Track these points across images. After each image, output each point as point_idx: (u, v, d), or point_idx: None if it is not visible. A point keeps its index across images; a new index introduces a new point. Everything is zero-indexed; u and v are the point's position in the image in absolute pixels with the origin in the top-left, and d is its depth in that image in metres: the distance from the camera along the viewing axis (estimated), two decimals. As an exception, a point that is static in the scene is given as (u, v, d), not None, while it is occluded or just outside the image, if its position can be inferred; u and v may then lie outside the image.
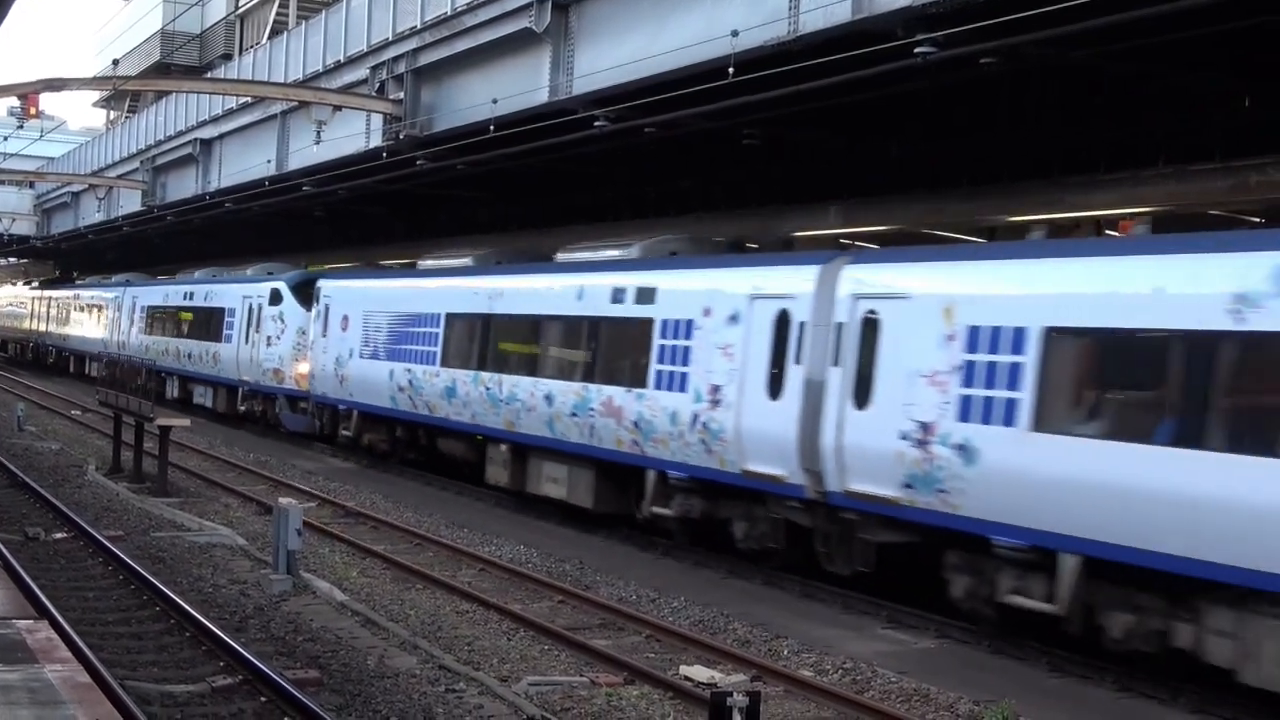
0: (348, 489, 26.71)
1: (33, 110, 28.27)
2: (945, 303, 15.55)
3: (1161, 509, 12.93)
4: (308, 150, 31.17)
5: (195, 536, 20.77)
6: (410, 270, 31.01)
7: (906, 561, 16.88)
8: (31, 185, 65.46)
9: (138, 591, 16.54)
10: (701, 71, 18.72)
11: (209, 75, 49.39)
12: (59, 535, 20.14)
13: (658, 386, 20.00)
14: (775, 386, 17.94)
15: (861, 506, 16.67)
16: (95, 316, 55.09)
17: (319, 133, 28.29)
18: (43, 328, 67.29)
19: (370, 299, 30.41)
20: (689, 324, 19.61)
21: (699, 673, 13.88)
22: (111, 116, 78.02)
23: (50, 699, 8.20)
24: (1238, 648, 12.65)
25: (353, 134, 29.48)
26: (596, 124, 21.62)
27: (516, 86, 23.64)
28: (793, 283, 18.04)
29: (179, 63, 60.50)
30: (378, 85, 27.87)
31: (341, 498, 25.35)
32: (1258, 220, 18.08)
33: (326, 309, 32.39)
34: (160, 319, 45.94)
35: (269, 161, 35.25)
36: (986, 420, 14.77)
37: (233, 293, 39.17)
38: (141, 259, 62.96)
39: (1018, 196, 20.24)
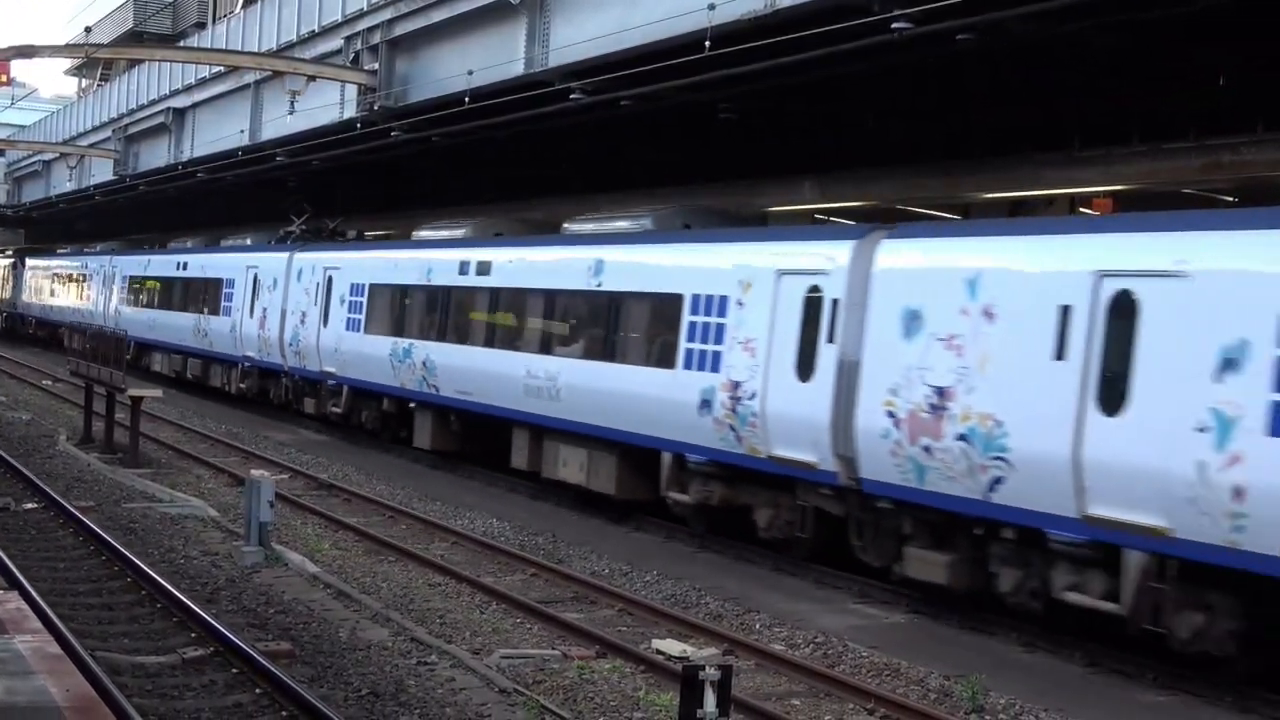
0: (320, 461, 26.65)
1: (4, 78, 28.08)
2: None
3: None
4: (281, 121, 30.98)
5: (167, 508, 20.70)
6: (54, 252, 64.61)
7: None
8: (2, 154, 64.99)
9: (109, 562, 16.49)
10: (678, 45, 18.66)
11: (182, 44, 48.99)
12: (29, 506, 20.05)
13: None
14: None
15: None
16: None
17: (293, 103, 28.15)
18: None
19: (42, 268, 61.47)
20: None
21: (671, 646, 13.92)
22: (83, 85, 77.34)
23: (20, 670, 8.16)
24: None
25: (327, 104, 29.30)
26: (573, 97, 21.55)
27: (492, 58, 23.54)
28: None
29: (152, 31, 59.91)
30: (352, 56, 27.69)
31: (314, 470, 25.30)
32: (1231, 199, 18.14)
33: (30, 270, 64.33)
34: None
35: (242, 132, 35.04)
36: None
37: None
38: (118, 228, 62.65)
39: (994, 173, 20.25)
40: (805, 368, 16.77)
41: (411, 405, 26.59)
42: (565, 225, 23.96)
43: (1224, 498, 12.10)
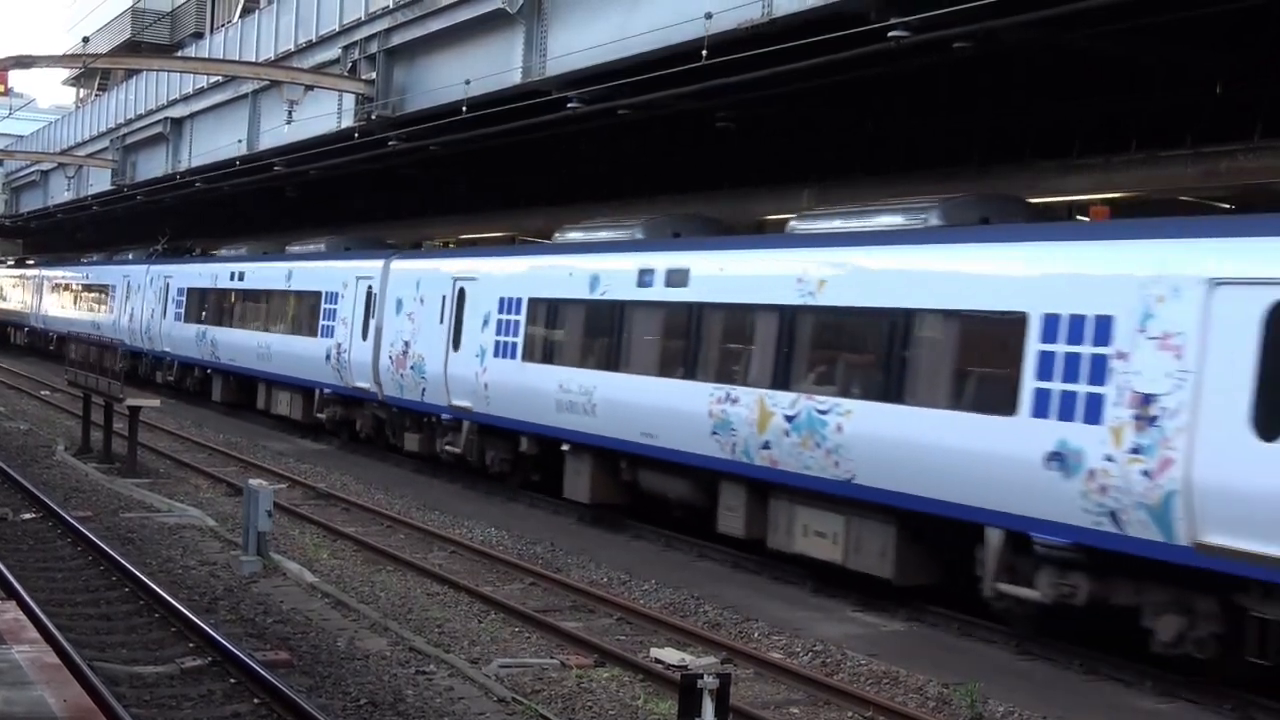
0: (319, 470, 26.64)
1: (2, 87, 28.08)
2: None
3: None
4: (279, 130, 31.02)
5: (165, 517, 20.69)
6: None
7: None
8: (0, 163, 65.02)
9: (107, 572, 16.47)
10: (675, 54, 18.67)
11: (180, 54, 49.07)
12: (27, 515, 20.03)
13: None
14: None
15: None
16: None
17: (290, 112, 28.15)
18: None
19: None
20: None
21: (670, 655, 13.89)
22: (81, 94, 77.39)
23: (18, 680, 8.14)
24: None
25: (324, 114, 29.33)
26: (570, 105, 21.56)
27: (490, 67, 23.56)
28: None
29: (150, 41, 60.00)
30: (350, 65, 27.71)
31: (312, 479, 25.29)
32: (1227, 206, 18.14)
33: None
34: None
35: (240, 141, 35.05)
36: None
37: None
38: (116, 238, 62.61)
39: (992, 179, 20.27)
40: (364, 332, 28.11)
41: (209, 371, 38.23)
42: (287, 248, 35.23)
43: (483, 389, 23.39)
